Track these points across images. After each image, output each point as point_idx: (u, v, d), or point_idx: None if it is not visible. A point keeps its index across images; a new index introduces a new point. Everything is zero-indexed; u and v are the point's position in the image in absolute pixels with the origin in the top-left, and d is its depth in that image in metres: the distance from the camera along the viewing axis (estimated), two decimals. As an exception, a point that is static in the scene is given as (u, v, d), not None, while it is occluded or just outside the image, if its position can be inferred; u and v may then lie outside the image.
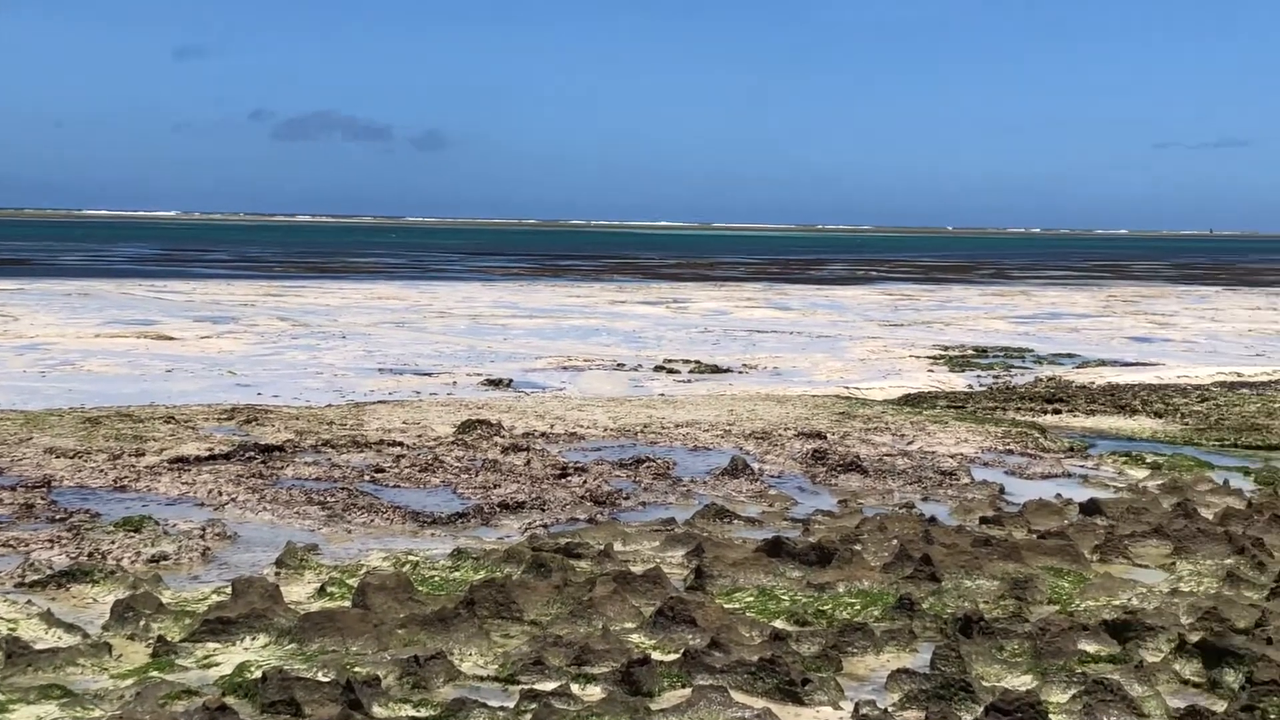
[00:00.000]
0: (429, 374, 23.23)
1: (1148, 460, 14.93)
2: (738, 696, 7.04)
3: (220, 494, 12.06)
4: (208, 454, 13.90)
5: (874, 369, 25.60)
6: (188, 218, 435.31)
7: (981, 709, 6.85)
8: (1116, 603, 9.01)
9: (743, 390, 21.46)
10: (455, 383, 22.02)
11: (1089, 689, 7.05)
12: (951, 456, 14.85)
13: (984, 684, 7.30)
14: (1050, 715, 6.78)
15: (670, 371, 24.41)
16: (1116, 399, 20.35)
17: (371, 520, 11.26)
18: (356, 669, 7.32)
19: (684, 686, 7.22)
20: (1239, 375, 25.04)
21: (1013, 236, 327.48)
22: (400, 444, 14.79)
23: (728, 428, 16.45)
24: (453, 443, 14.94)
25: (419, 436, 15.33)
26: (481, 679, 7.43)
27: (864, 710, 6.85)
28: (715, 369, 24.98)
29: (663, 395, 20.45)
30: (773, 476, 13.64)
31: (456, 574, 9.58)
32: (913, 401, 20.31)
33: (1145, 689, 7.15)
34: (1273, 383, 23.77)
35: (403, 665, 7.32)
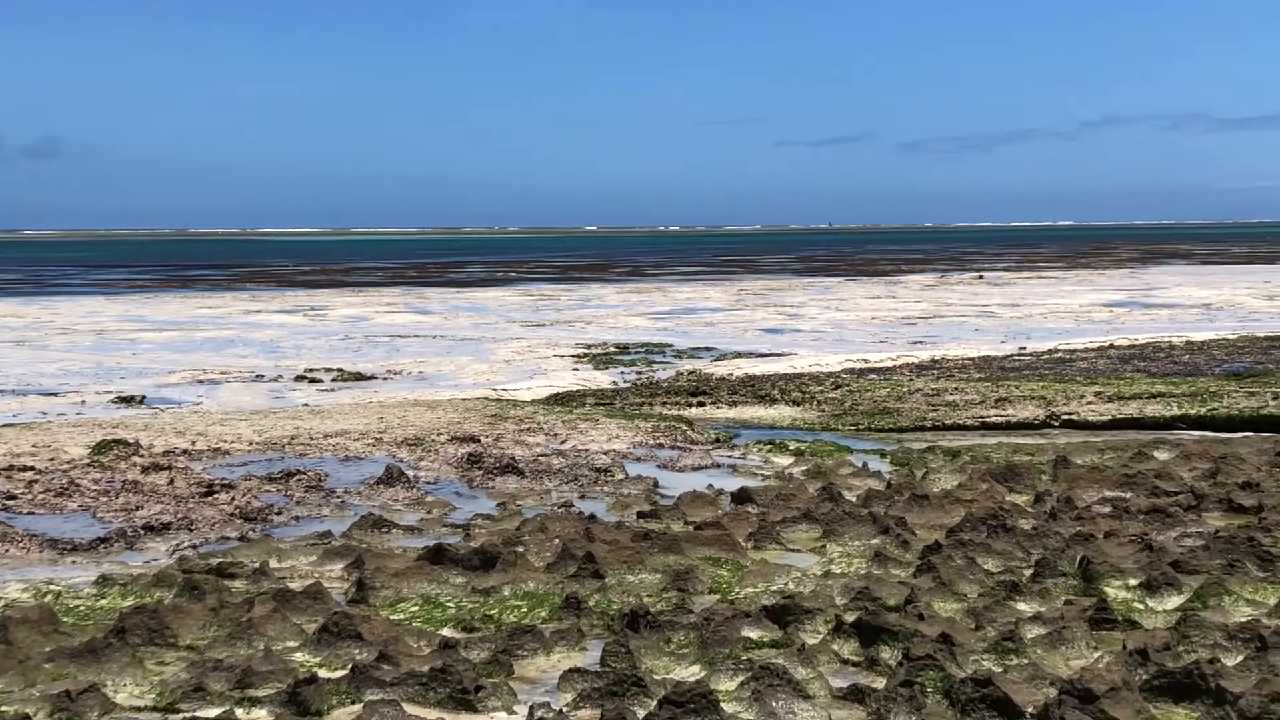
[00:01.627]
0: (55, 394, 22.12)
1: (791, 447, 15.43)
2: (411, 709, 6.91)
3: None
4: None
5: (520, 369, 25.71)
6: None
7: (655, 702, 6.90)
8: (774, 588, 9.25)
9: (390, 397, 21.21)
10: (84, 401, 21.03)
11: (756, 675, 7.20)
12: (605, 453, 15.00)
13: (655, 677, 7.37)
14: (722, 703, 6.89)
15: (313, 381, 23.93)
16: (756, 389, 21.00)
17: (6, 550, 10.59)
18: (3, 708, 6.87)
19: (354, 703, 7.04)
20: (866, 361, 26.24)
21: (651, 235, 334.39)
22: (31, 468, 13.98)
23: (379, 435, 16.20)
24: (88, 464, 14.23)
25: (51, 460, 14.53)
26: (139, 709, 7.08)
27: (539, 713, 6.81)
28: (359, 376, 24.63)
29: (307, 405, 20.00)
30: (429, 483, 13.49)
31: (103, 602, 9.11)
32: (562, 400, 20.48)
33: (809, 671, 7.35)
34: (897, 368, 24.98)
35: (53, 701, 6.90)
